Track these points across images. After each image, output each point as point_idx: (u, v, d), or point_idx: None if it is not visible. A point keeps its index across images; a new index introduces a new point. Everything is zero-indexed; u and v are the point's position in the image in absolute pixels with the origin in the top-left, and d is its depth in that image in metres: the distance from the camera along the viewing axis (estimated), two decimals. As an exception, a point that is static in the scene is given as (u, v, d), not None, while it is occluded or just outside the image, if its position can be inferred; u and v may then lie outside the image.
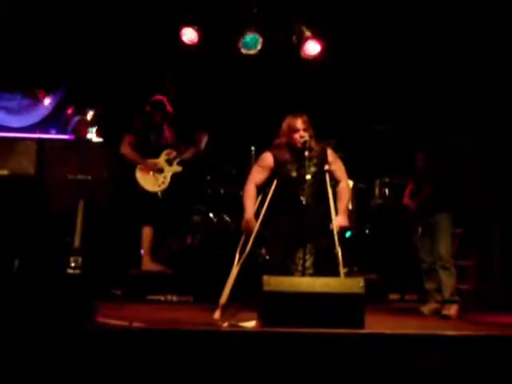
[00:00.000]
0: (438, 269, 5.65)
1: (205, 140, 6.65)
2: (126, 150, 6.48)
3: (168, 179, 6.51)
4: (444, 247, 5.65)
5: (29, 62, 7.54)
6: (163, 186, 6.49)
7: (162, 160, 6.56)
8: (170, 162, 6.56)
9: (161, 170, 6.53)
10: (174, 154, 6.58)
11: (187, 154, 6.64)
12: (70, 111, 7.44)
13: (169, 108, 6.67)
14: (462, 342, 3.96)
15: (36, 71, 7.62)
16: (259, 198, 5.06)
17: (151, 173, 6.49)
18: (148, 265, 6.42)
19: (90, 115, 7.40)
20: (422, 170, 5.95)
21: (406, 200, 6.05)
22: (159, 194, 6.49)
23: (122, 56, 7.59)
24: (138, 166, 6.49)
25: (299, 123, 4.97)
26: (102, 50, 7.56)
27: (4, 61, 7.34)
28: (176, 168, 6.58)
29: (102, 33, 7.49)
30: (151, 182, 6.49)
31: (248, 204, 4.99)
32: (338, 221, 4.87)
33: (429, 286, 5.82)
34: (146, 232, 6.46)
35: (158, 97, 6.69)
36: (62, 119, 7.48)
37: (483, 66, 6.96)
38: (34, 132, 7.49)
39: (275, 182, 5.00)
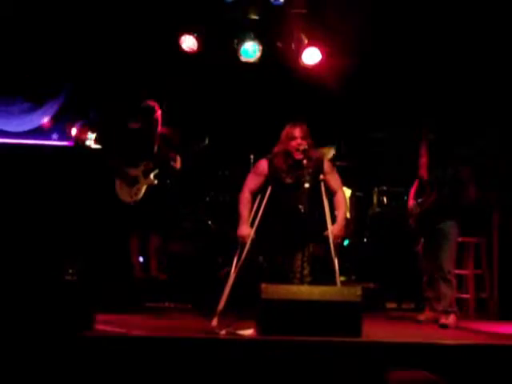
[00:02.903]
0: (438, 279, 5.58)
1: (179, 159, 6.37)
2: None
3: (141, 191, 6.25)
4: (446, 258, 5.51)
5: (30, 66, 7.56)
6: (135, 198, 6.24)
7: (139, 171, 6.32)
8: (145, 174, 6.31)
9: (136, 181, 6.30)
10: (151, 166, 6.30)
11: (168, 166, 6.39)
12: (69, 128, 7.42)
13: (158, 114, 6.39)
14: (461, 351, 3.97)
15: (37, 76, 7.64)
16: (255, 205, 5.07)
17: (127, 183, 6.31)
18: (139, 274, 6.35)
19: (89, 121, 7.42)
20: (427, 175, 5.84)
21: (411, 201, 5.91)
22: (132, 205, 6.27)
23: (122, 63, 7.61)
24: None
25: (297, 131, 5.01)
26: (103, 56, 7.59)
27: (5, 65, 7.36)
28: (151, 181, 6.29)
29: (103, 39, 7.51)
30: (126, 192, 6.29)
31: (243, 212, 5.02)
32: (334, 230, 4.92)
33: (429, 294, 5.74)
34: (130, 243, 6.36)
35: (150, 102, 6.43)
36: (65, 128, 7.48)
37: (483, 71, 6.98)
38: (35, 137, 7.49)
39: (269, 188, 5.03)
